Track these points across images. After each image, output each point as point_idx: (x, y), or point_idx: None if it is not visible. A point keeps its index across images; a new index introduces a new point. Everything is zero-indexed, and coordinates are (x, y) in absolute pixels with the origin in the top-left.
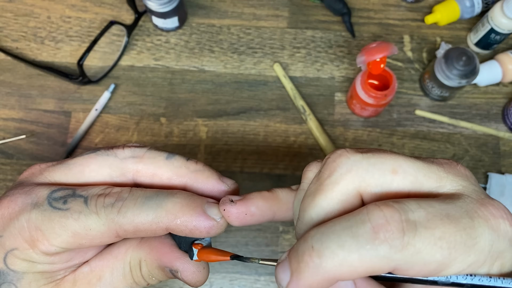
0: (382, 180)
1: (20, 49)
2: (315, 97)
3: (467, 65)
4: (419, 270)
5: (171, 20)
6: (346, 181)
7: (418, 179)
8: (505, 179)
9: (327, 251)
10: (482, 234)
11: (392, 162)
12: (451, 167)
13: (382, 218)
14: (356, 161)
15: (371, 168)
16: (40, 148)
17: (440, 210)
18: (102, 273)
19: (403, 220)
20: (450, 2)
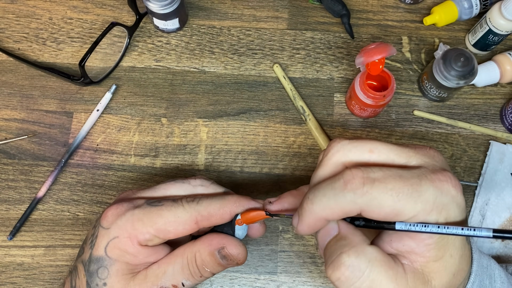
0: (361, 157)
1: (22, 50)
2: (315, 98)
3: (465, 66)
4: (378, 213)
5: (172, 21)
6: (335, 157)
7: (390, 157)
8: (505, 148)
9: (316, 199)
10: (427, 189)
11: (370, 145)
12: (422, 149)
13: (350, 175)
14: (343, 144)
15: (353, 149)
16: (42, 148)
17: (396, 172)
18: (166, 268)
19: (364, 176)
20: (448, 4)
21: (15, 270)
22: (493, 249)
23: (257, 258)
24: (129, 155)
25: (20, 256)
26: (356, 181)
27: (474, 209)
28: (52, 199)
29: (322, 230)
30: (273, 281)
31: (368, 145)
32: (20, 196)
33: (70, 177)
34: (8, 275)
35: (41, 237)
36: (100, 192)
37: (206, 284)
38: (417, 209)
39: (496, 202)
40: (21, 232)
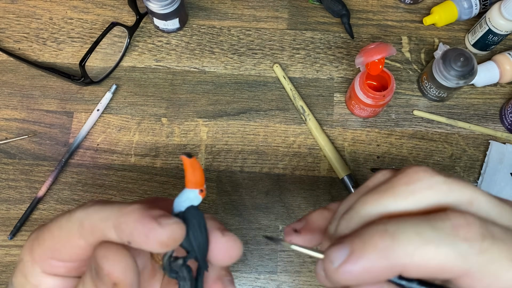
0: (458, 203)
1: (22, 50)
2: (314, 98)
3: (465, 66)
4: (488, 284)
5: (172, 21)
6: (423, 195)
7: (491, 215)
8: (505, 148)
9: (403, 235)
10: None
11: (471, 194)
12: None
13: (463, 219)
14: (438, 182)
15: (450, 194)
16: (42, 148)
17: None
18: None
19: (483, 226)
20: (448, 4)
21: None
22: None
23: (257, 258)
24: (130, 155)
25: None
26: (473, 230)
27: None
28: (53, 198)
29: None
30: (273, 280)
31: (469, 193)
32: (21, 196)
33: (71, 176)
34: (9, 275)
35: None
36: (101, 192)
37: None
38: None
39: None
40: (22, 231)
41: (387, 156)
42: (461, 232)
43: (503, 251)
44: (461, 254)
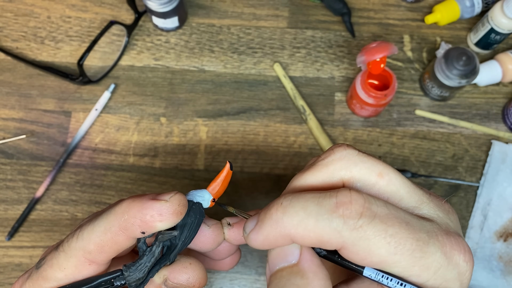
0: (366, 177)
1: (20, 49)
2: (315, 97)
3: (467, 65)
4: (363, 258)
5: (171, 20)
6: (334, 166)
7: (400, 192)
8: (507, 148)
9: (291, 209)
10: (434, 253)
11: (382, 167)
12: (437, 199)
13: (347, 197)
14: (350, 153)
15: (361, 164)
16: (40, 148)
17: (403, 217)
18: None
19: (365, 206)
20: (450, 2)
21: (13, 270)
22: (495, 249)
23: (257, 259)
24: (128, 154)
25: (18, 257)
26: (353, 208)
27: (476, 209)
28: (51, 199)
29: (278, 250)
30: None
31: (381, 166)
32: (18, 196)
33: (69, 177)
34: (6, 276)
35: (39, 237)
36: (99, 192)
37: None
38: (412, 272)
39: (498, 202)
40: (19, 232)
41: (389, 156)
42: (341, 209)
43: (378, 230)
44: (336, 229)
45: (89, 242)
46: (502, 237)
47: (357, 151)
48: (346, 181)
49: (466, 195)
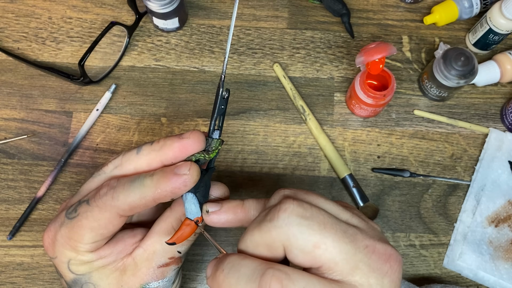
0: (303, 247)
1: (21, 49)
2: (315, 97)
3: (465, 65)
4: None
5: (171, 21)
6: (276, 233)
7: (335, 259)
8: (504, 136)
9: (227, 280)
10: None
11: (320, 237)
12: (381, 260)
13: (267, 285)
14: (290, 223)
15: (298, 235)
16: (41, 148)
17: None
18: (154, 248)
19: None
20: (448, 3)
21: (14, 270)
22: (486, 234)
23: None
24: None
25: (19, 256)
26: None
27: (469, 194)
28: (52, 198)
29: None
30: None
31: (317, 237)
32: (20, 196)
33: (70, 176)
34: (8, 275)
35: (40, 236)
36: None
37: (205, 285)
38: None
39: (491, 188)
40: (21, 232)
41: (388, 156)
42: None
43: None
44: None
45: (124, 204)
46: (493, 223)
47: (298, 219)
48: (286, 247)
49: (464, 194)
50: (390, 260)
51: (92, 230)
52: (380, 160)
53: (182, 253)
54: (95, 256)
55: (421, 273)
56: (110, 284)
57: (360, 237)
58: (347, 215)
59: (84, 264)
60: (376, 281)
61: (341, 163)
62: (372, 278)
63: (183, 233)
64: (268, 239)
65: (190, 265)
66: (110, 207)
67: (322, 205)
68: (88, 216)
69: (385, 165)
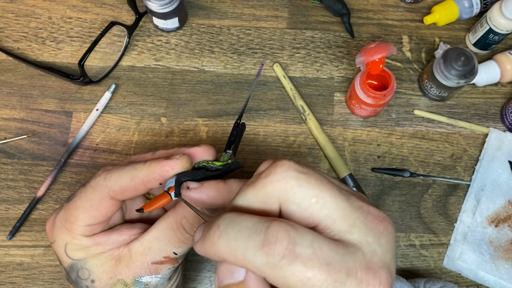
0: (301, 201)
1: (21, 49)
2: (315, 97)
3: (465, 65)
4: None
5: (171, 20)
6: (272, 187)
7: (333, 216)
8: (504, 136)
9: (225, 236)
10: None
11: (318, 191)
12: (374, 220)
13: (274, 237)
14: (288, 176)
15: (296, 188)
16: (41, 148)
17: (326, 256)
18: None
19: (289, 248)
20: (448, 3)
21: (14, 270)
22: (486, 234)
23: None
24: (129, 154)
25: (19, 256)
26: (276, 250)
27: (469, 194)
28: (52, 198)
29: (226, 265)
30: None
31: (316, 190)
32: (20, 196)
33: (70, 176)
34: (8, 275)
35: (40, 236)
36: None
37: (206, 284)
38: None
39: (492, 188)
40: (21, 232)
41: (388, 156)
42: (265, 248)
43: (297, 272)
44: (259, 265)
45: (115, 184)
46: (493, 223)
47: (296, 172)
48: (282, 203)
49: (464, 194)
50: (384, 221)
51: (85, 211)
52: (380, 160)
53: (179, 254)
54: (90, 242)
55: (421, 273)
56: (105, 271)
57: (354, 198)
58: (337, 182)
59: (80, 250)
60: (373, 239)
61: (341, 163)
62: (370, 236)
63: (154, 202)
64: (264, 195)
65: (190, 265)
66: (101, 187)
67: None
68: (82, 197)
69: (385, 165)
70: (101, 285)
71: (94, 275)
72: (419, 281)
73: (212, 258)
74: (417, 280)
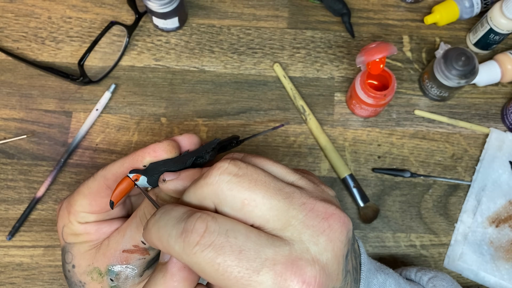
0: (231, 204)
1: (21, 49)
2: (315, 97)
3: (466, 65)
4: (203, 276)
5: (171, 20)
6: (207, 190)
7: (265, 216)
8: (505, 136)
9: (157, 224)
10: (264, 282)
11: (249, 193)
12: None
13: (191, 225)
14: (221, 180)
15: (227, 192)
16: (41, 148)
17: (239, 244)
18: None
19: (203, 235)
20: (449, 3)
21: (14, 270)
22: (486, 234)
23: None
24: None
25: (19, 256)
26: (192, 237)
27: (470, 194)
28: (51, 199)
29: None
30: None
31: (246, 194)
32: (19, 196)
33: (69, 177)
34: (7, 275)
35: (40, 237)
36: None
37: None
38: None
39: (492, 188)
40: (20, 232)
41: (388, 156)
42: (183, 235)
43: (208, 258)
44: (178, 252)
45: (108, 172)
46: (494, 223)
47: (229, 176)
48: (216, 204)
49: (465, 195)
50: (330, 219)
51: (84, 197)
52: (380, 160)
53: (147, 245)
54: (82, 229)
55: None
56: (84, 258)
57: (298, 195)
58: (294, 177)
59: (72, 235)
60: (309, 238)
61: (342, 163)
62: (306, 234)
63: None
64: (200, 195)
65: None
66: (99, 176)
67: (267, 167)
68: (84, 184)
69: (385, 165)
70: (80, 271)
71: (75, 260)
72: (410, 269)
73: (150, 245)
74: (409, 269)
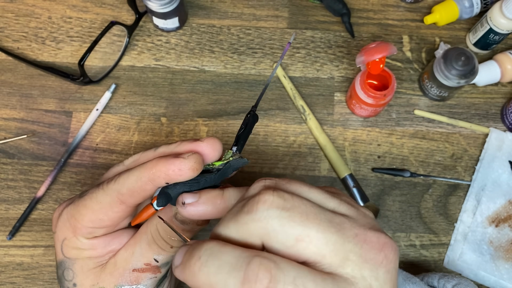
0: (284, 241)
1: (21, 49)
2: (315, 97)
3: (466, 65)
4: None
5: (171, 20)
6: (254, 227)
7: (322, 252)
8: (505, 136)
9: (206, 269)
10: None
11: (302, 229)
12: (374, 249)
13: (254, 275)
14: (269, 216)
15: (278, 229)
16: (41, 148)
17: None
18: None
19: (269, 287)
20: (449, 3)
21: (14, 270)
22: (486, 234)
23: None
24: (129, 154)
25: (19, 256)
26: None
27: (470, 194)
28: (52, 198)
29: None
30: None
31: (299, 229)
32: (20, 196)
33: (70, 176)
34: (8, 275)
35: (40, 236)
36: None
37: None
38: None
39: (492, 188)
40: (21, 232)
41: (388, 156)
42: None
43: None
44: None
45: (123, 187)
46: (494, 223)
47: (278, 211)
48: (265, 241)
49: (464, 194)
50: (384, 249)
51: (94, 213)
52: (380, 160)
53: (160, 262)
54: (88, 245)
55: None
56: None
57: (349, 226)
58: (334, 203)
59: (74, 249)
60: (370, 272)
61: (341, 163)
62: (366, 269)
63: (140, 214)
64: (245, 232)
65: None
66: (111, 190)
67: (306, 194)
68: (92, 197)
69: (385, 165)
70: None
71: (77, 278)
72: (432, 276)
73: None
74: (431, 275)
